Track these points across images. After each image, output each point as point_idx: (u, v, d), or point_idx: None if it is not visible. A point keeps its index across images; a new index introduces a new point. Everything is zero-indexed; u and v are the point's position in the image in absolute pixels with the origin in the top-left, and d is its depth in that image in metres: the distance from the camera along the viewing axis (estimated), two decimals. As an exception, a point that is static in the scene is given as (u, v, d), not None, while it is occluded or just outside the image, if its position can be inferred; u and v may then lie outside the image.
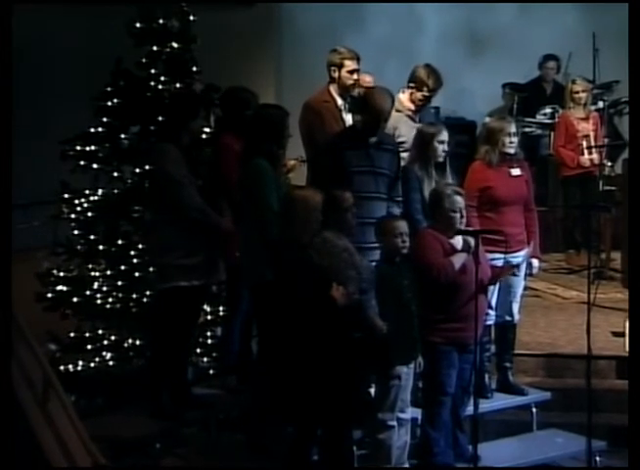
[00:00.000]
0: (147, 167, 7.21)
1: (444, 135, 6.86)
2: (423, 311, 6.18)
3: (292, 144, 6.83)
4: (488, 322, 6.87)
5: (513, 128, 7.06)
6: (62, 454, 4.85)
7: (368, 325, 5.92)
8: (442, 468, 6.31)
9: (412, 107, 7.47)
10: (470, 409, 6.34)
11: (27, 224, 8.60)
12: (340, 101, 7.48)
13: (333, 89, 7.48)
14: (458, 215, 6.36)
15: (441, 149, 6.83)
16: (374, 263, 6.19)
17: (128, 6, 7.57)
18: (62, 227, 7.61)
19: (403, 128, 7.28)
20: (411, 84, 7.45)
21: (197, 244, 6.62)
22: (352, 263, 5.83)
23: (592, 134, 9.91)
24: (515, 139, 7.05)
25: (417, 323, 6.13)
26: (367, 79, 8.04)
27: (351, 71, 7.48)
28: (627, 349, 7.56)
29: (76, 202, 7.50)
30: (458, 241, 6.40)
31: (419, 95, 7.44)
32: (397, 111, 7.25)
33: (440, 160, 6.83)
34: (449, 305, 6.27)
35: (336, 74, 7.45)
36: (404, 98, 7.47)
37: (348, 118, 7.46)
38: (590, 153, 9.88)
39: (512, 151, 7.04)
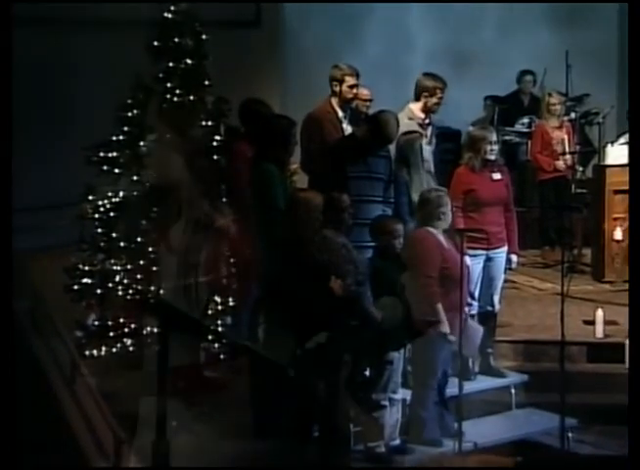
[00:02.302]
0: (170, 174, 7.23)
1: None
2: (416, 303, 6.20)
3: (296, 150, 6.87)
4: (472, 312, 6.89)
5: (494, 137, 7.09)
6: (86, 428, 4.88)
7: (364, 314, 5.93)
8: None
9: (422, 116, 7.50)
10: (454, 390, 6.37)
11: (57, 224, 8.61)
12: (340, 113, 7.49)
13: (334, 102, 7.48)
14: (445, 215, 6.39)
15: (428, 150, 6.92)
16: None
17: (147, 27, 7.58)
18: (87, 226, 7.63)
19: None
20: (425, 93, 7.45)
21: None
22: (350, 259, 5.85)
23: (565, 142, 9.93)
24: (495, 147, 7.08)
25: (407, 312, 6.15)
26: (364, 92, 8.04)
27: (351, 86, 7.48)
28: (597, 335, 7.61)
29: (100, 203, 7.52)
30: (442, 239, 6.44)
31: (434, 100, 7.47)
32: (409, 119, 7.31)
33: (427, 157, 6.93)
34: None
35: (337, 88, 7.45)
36: (415, 108, 7.49)
37: (348, 128, 7.47)
38: (564, 159, 9.89)
39: (493, 157, 7.06)
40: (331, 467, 5.88)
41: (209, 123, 7.54)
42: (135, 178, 7.51)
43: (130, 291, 7.42)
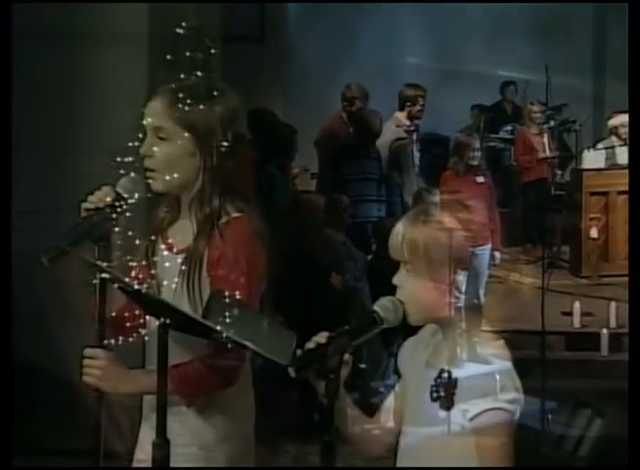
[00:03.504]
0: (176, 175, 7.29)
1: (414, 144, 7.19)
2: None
3: (297, 154, 6.93)
4: (459, 304, 6.93)
5: (477, 144, 7.19)
6: (104, 412, 4.91)
7: (363, 309, 5.97)
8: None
9: (408, 123, 7.59)
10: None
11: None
12: (351, 128, 7.57)
13: (345, 117, 7.56)
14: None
15: (418, 156, 7.00)
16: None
17: (160, 41, 7.63)
18: (104, 225, 7.66)
19: None
20: (408, 103, 7.54)
21: None
22: (349, 255, 5.89)
23: (545, 148, 9.99)
24: (478, 153, 7.15)
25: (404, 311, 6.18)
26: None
27: (360, 109, 7.57)
28: (575, 325, 7.67)
29: (117, 204, 7.55)
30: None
31: (417, 107, 7.56)
32: (397, 127, 7.39)
33: (417, 162, 7.00)
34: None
35: (348, 108, 7.54)
36: (401, 116, 7.59)
37: None
38: (546, 162, 9.95)
39: (476, 162, 7.15)
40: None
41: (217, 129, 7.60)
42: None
43: (145, 285, 7.45)
